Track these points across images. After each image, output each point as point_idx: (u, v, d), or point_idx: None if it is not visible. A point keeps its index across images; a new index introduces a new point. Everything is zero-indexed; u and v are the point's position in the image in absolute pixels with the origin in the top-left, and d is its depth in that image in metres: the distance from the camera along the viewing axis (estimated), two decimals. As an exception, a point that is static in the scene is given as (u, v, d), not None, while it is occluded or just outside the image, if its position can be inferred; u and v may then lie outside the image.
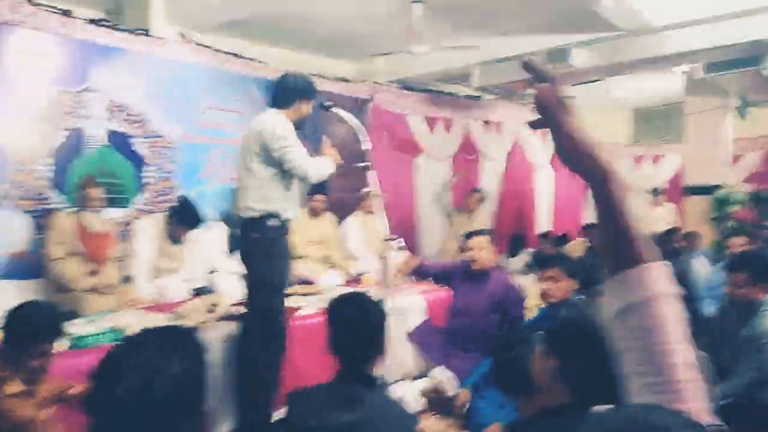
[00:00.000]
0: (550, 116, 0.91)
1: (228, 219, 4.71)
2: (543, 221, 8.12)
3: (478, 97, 7.44)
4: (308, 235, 5.11)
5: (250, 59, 5.36)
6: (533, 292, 3.85)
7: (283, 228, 3.05)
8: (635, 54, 5.74)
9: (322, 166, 3.12)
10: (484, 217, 6.63)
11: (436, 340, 3.72)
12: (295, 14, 5.15)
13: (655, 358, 0.79)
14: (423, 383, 3.40)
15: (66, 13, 4.25)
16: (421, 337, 3.74)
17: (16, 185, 3.93)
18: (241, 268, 3.14)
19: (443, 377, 3.31)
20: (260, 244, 2.97)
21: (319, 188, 5.27)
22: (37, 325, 2.13)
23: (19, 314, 2.15)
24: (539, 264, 3.19)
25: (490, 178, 7.53)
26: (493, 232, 7.32)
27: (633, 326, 0.81)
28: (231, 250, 4.59)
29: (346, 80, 6.35)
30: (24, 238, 3.92)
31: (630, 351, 0.82)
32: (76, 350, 2.72)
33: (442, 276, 3.82)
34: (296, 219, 3.18)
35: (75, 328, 2.89)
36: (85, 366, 2.62)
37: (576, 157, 0.89)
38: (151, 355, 1.01)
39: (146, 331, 1.10)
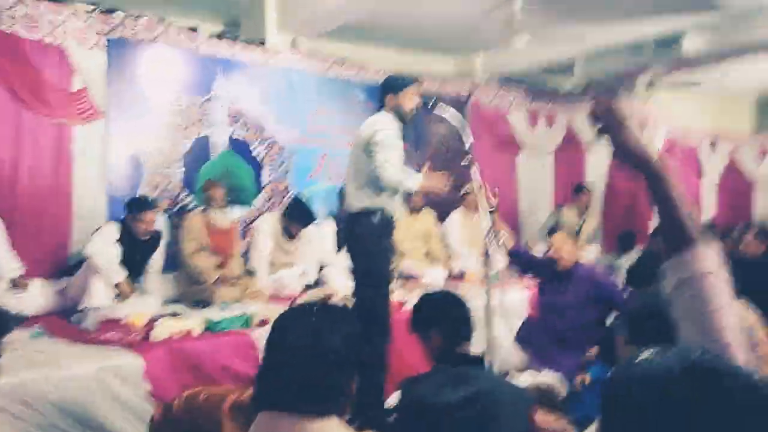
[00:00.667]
0: (608, 128, 1.07)
1: (337, 217, 4.97)
2: (655, 218, 7.75)
3: (584, 90, 7.24)
4: (410, 231, 5.27)
5: (353, 64, 5.60)
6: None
7: (385, 224, 3.10)
8: (754, 35, 5.33)
9: (406, 181, 3.07)
10: (595, 213, 6.43)
11: (539, 340, 3.71)
12: (395, 15, 5.30)
13: (705, 323, 0.93)
14: (529, 377, 3.41)
15: (192, 29, 4.69)
16: (525, 338, 3.72)
17: (152, 188, 4.41)
18: (349, 263, 3.30)
19: (551, 380, 3.29)
20: (362, 239, 3.08)
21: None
22: None
23: None
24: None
25: (595, 173, 7.31)
26: (599, 228, 7.17)
27: (686, 297, 0.96)
28: (339, 247, 4.84)
29: (444, 79, 6.44)
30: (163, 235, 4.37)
31: (685, 319, 0.96)
32: (212, 333, 3.03)
33: (532, 265, 3.78)
34: (399, 216, 3.29)
35: (209, 313, 3.23)
36: (220, 346, 2.94)
37: (632, 160, 1.05)
38: (318, 324, 1.18)
39: (309, 305, 1.28)
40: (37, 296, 3.44)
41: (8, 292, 3.34)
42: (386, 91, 3.16)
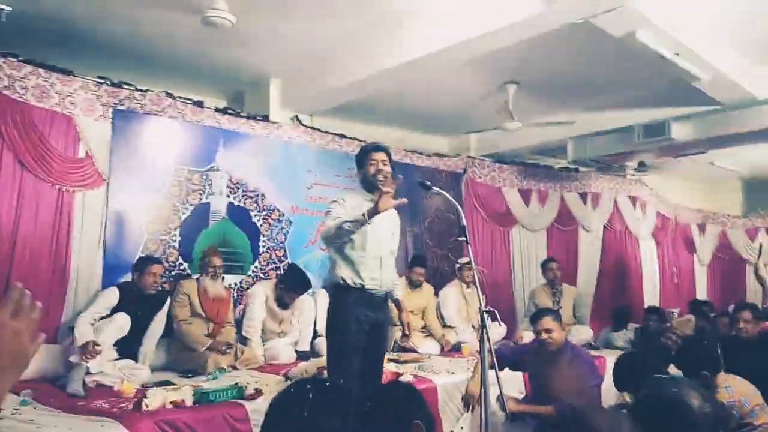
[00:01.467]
0: None
1: (329, 287, 4.97)
2: (648, 296, 7.78)
3: (575, 169, 7.46)
4: (407, 305, 5.25)
5: (351, 138, 5.78)
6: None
7: (351, 294, 2.95)
8: (737, 127, 5.61)
9: (326, 227, 2.93)
10: (570, 291, 6.16)
11: (533, 421, 3.63)
12: (395, 95, 5.54)
13: None
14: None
15: (197, 103, 4.86)
16: (521, 418, 3.65)
17: (150, 253, 4.42)
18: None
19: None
20: (330, 311, 3.06)
21: (418, 261, 5.46)
22: None
23: None
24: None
25: (588, 249, 7.40)
26: (593, 304, 7.16)
27: None
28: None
29: (440, 155, 6.63)
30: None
31: None
32: (201, 405, 2.97)
33: (520, 360, 3.70)
34: (379, 292, 3.03)
35: (201, 383, 3.17)
36: (209, 419, 2.88)
37: None
38: (315, 404, 1.14)
39: (305, 382, 1.23)
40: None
41: None
42: (358, 168, 3.15)
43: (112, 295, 3.80)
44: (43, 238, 3.97)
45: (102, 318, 3.72)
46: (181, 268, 4.59)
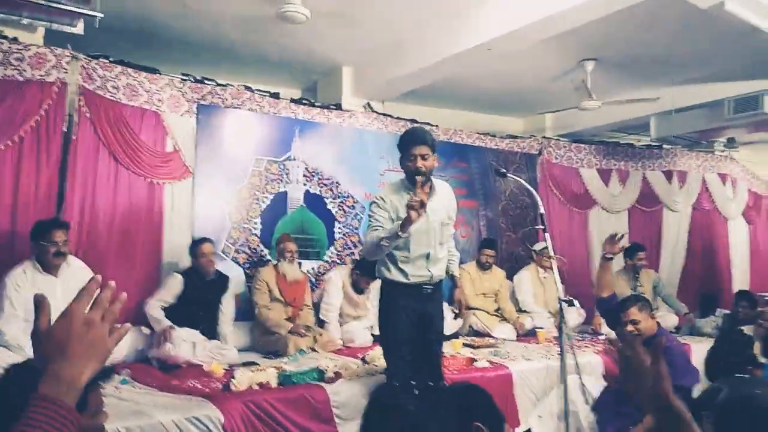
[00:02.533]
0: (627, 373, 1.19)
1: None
2: (739, 279, 7.34)
3: (659, 146, 7.11)
4: (478, 287, 5.26)
5: (423, 123, 5.77)
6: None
7: (398, 289, 2.94)
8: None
9: (366, 243, 2.91)
10: (648, 275, 5.94)
11: (616, 411, 3.53)
12: (467, 77, 5.48)
13: None
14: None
15: (274, 95, 5.01)
16: (601, 407, 3.56)
17: (233, 241, 4.65)
18: None
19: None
20: (380, 306, 3.06)
21: (487, 243, 5.43)
22: None
23: None
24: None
25: (674, 230, 7.05)
26: (678, 289, 6.85)
27: None
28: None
29: (514, 137, 6.50)
30: (239, 286, 4.58)
31: None
32: (285, 387, 3.12)
33: (619, 321, 3.55)
34: (427, 284, 2.98)
35: (283, 365, 3.32)
36: (293, 399, 3.02)
37: (650, 404, 1.12)
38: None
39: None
40: (125, 343, 3.64)
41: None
42: (400, 154, 2.96)
43: (177, 282, 3.99)
44: (138, 227, 4.25)
45: (171, 305, 3.94)
46: (262, 254, 4.78)
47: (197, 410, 2.74)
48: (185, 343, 3.73)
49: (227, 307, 4.18)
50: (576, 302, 4.50)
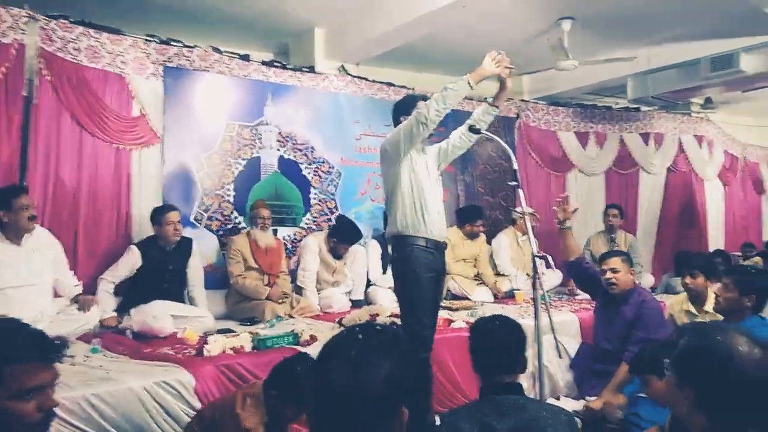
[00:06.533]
0: None
1: (381, 237, 5.00)
2: (714, 239, 7.44)
3: (636, 108, 7.09)
4: (458, 253, 5.24)
5: (399, 86, 5.67)
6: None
7: (420, 247, 2.94)
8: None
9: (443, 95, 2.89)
10: (626, 238, 6.01)
11: (591, 365, 3.57)
12: (442, 38, 5.35)
13: None
14: (574, 403, 3.29)
15: (244, 57, 4.86)
16: (579, 364, 3.58)
17: (205, 208, 4.55)
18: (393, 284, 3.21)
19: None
20: (397, 262, 3.02)
21: (478, 213, 5.37)
22: None
23: None
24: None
25: (650, 192, 7.10)
26: (654, 250, 6.93)
27: None
28: (384, 267, 4.87)
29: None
30: (212, 254, 4.50)
31: None
32: (259, 351, 3.08)
33: (590, 281, 3.59)
34: (439, 238, 3.01)
35: (258, 330, 3.27)
36: (267, 363, 2.98)
37: None
38: (368, 351, 1.08)
39: (362, 327, 1.17)
40: (95, 313, 3.56)
41: (70, 308, 3.47)
42: (399, 113, 3.11)
43: (134, 256, 3.88)
44: (105, 195, 4.14)
45: (134, 279, 3.86)
46: (237, 221, 4.70)
47: (168, 375, 2.69)
48: (166, 317, 3.65)
49: (194, 271, 4.09)
50: (551, 260, 4.51)
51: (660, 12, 4.89)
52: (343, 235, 4.67)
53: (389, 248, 3.15)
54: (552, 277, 5.43)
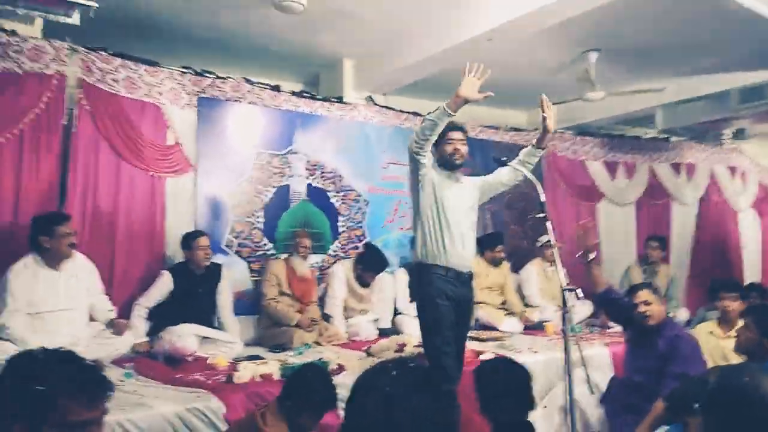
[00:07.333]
0: None
1: (408, 265, 5.00)
2: (750, 272, 7.26)
3: (666, 139, 7.03)
4: (483, 282, 5.19)
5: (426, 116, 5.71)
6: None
7: (439, 275, 2.93)
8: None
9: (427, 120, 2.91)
10: (666, 271, 5.95)
11: (624, 400, 3.47)
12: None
13: None
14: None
15: (275, 88, 4.97)
16: (610, 398, 3.49)
17: (236, 234, 4.62)
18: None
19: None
20: (417, 289, 3.04)
21: (499, 239, 5.35)
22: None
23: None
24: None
25: (683, 223, 6.99)
26: (687, 282, 6.78)
27: None
28: (412, 295, 4.85)
29: (518, 129, 6.44)
30: (243, 281, 4.55)
31: None
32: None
33: (622, 312, 3.52)
34: (461, 269, 3.00)
35: (286, 358, 3.28)
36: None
37: None
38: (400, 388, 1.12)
39: (395, 364, 1.20)
40: (129, 338, 3.61)
41: (105, 333, 3.52)
42: (434, 147, 3.08)
43: (166, 281, 3.94)
44: (140, 222, 4.22)
45: (163, 304, 3.91)
46: (266, 248, 4.74)
47: (199, 402, 2.71)
48: (190, 336, 3.70)
49: (223, 296, 4.14)
50: (580, 292, 4.42)
51: (687, 43, 4.88)
52: (369, 264, 4.68)
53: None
54: (582, 309, 5.34)
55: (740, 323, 3.22)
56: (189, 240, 4.04)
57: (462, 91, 2.87)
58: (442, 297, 2.90)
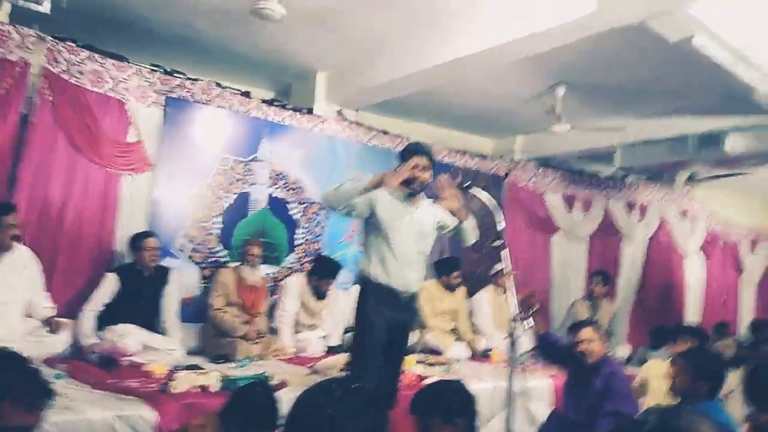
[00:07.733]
0: None
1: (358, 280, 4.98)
2: (691, 314, 7.50)
3: (623, 177, 7.24)
4: (437, 307, 5.21)
5: (395, 135, 5.76)
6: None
7: (381, 294, 2.94)
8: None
9: (338, 187, 2.98)
10: (609, 307, 6.11)
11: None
12: (440, 93, 5.49)
13: None
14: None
15: (245, 94, 4.94)
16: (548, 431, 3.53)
17: (190, 239, 4.53)
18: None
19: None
20: (357, 304, 3.03)
21: (455, 265, 5.36)
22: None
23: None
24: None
25: (631, 261, 7.19)
26: (631, 319, 6.95)
27: None
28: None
29: (483, 156, 6.53)
30: (193, 286, 4.46)
31: None
32: (227, 391, 3.02)
33: (561, 354, 3.58)
34: (403, 289, 3.01)
35: (228, 370, 3.22)
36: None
37: None
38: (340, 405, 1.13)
39: (338, 384, 1.22)
40: (64, 337, 3.50)
41: (40, 330, 3.41)
42: (400, 159, 3.10)
43: (111, 282, 3.85)
44: (91, 219, 4.11)
45: (108, 305, 3.81)
46: (220, 255, 4.67)
47: (130, 409, 2.63)
48: (131, 336, 3.62)
49: (169, 300, 4.06)
50: (531, 321, 4.47)
51: (650, 86, 5.06)
52: (323, 271, 4.65)
53: None
54: (529, 339, 5.39)
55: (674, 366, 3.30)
56: (137, 240, 3.97)
57: (389, 177, 2.89)
58: (377, 315, 2.91)
